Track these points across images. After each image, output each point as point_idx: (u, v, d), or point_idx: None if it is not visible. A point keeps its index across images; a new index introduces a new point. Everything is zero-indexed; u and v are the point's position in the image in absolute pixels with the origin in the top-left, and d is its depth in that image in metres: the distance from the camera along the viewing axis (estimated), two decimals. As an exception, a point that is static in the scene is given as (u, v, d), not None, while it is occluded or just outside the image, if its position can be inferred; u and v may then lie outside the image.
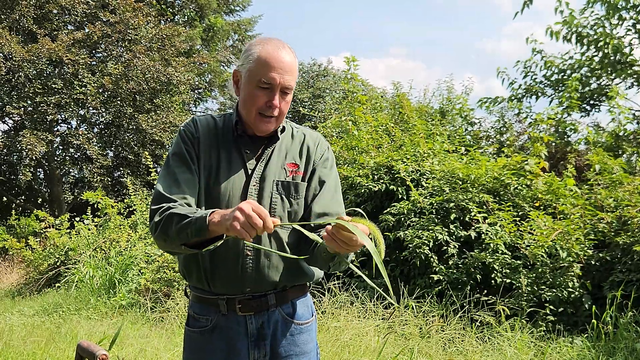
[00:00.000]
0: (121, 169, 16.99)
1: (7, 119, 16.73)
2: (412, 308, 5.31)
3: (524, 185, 6.34)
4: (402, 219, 6.11)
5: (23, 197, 18.38)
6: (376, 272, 1.66)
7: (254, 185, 1.87)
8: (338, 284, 5.84)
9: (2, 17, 15.62)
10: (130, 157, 16.40)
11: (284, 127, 1.97)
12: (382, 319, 5.26)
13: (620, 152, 8.19)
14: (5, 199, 17.74)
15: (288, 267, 1.89)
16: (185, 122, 1.94)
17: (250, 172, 1.89)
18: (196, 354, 1.91)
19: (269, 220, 1.56)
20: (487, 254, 5.52)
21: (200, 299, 1.91)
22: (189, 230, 1.67)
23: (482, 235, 5.72)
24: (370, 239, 1.55)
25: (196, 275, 1.88)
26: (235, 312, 1.86)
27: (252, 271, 1.84)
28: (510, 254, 5.62)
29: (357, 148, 7.70)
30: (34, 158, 14.98)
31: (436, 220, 5.95)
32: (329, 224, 1.65)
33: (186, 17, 21.63)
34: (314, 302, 5.85)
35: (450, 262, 5.67)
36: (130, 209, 10.54)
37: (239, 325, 1.86)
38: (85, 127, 16.73)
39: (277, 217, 1.82)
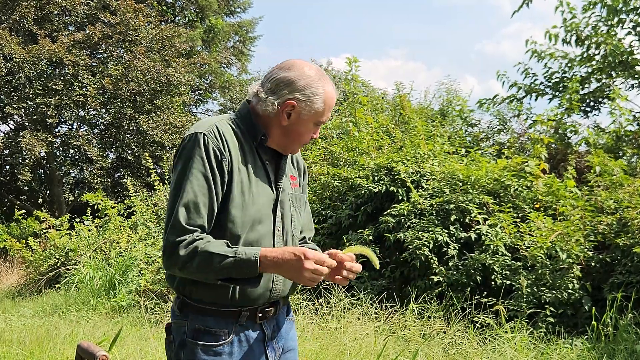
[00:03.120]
0: (121, 170, 16.99)
1: (7, 119, 16.74)
2: (413, 310, 5.31)
3: (524, 187, 6.34)
4: (402, 220, 6.10)
5: (25, 197, 18.39)
6: (376, 273, 1.86)
7: (279, 199, 1.93)
8: (336, 285, 5.84)
9: (3, 18, 15.63)
10: (130, 158, 16.40)
11: None
12: (380, 320, 5.26)
13: (620, 154, 8.18)
14: (6, 200, 17.76)
15: None
16: (210, 133, 1.81)
17: (274, 185, 1.92)
18: None
19: (330, 261, 1.75)
20: (487, 256, 5.51)
21: (213, 311, 1.85)
22: (234, 270, 1.72)
23: (482, 236, 5.72)
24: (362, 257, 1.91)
25: (218, 292, 1.83)
26: (254, 321, 1.89)
27: (280, 284, 1.92)
28: (510, 255, 5.61)
29: (357, 149, 7.71)
30: (34, 159, 14.98)
31: (436, 221, 5.94)
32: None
33: (187, 18, 21.64)
34: (315, 304, 5.87)
35: (450, 264, 5.67)
36: (131, 210, 10.53)
37: (256, 333, 1.90)
38: (86, 128, 16.74)
39: (297, 230, 1.99)
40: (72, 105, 15.42)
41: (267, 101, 1.87)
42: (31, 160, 15.17)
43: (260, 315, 1.89)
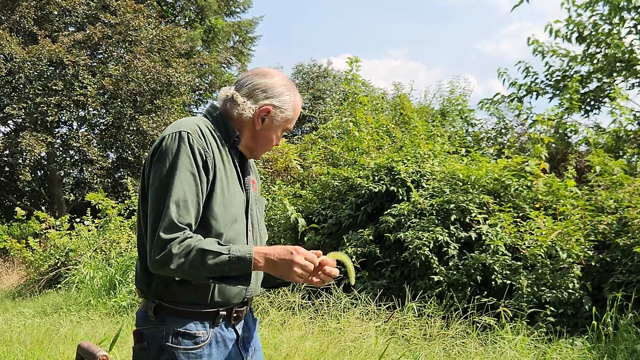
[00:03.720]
0: (121, 170, 17.00)
1: (7, 120, 16.74)
2: (414, 310, 5.30)
3: (524, 187, 6.34)
4: (403, 220, 6.10)
5: (25, 198, 18.39)
6: (375, 273, 1.85)
7: (249, 200, 1.97)
8: (336, 284, 5.84)
9: (3, 18, 15.63)
10: (130, 158, 16.40)
11: None
12: (384, 322, 5.26)
13: (621, 154, 8.19)
14: (7, 200, 17.76)
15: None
16: (194, 132, 1.82)
17: (245, 187, 1.97)
18: None
19: (316, 260, 1.80)
20: (488, 255, 5.51)
21: (191, 314, 1.85)
22: (228, 267, 1.73)
23: (483, 236, 5.72)
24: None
25: (200, 290, 1.84)
26: (229, 322, 1.91)
27: (254, 283, 1.94)
28: (510, 255, 5.61)
29: (357, 149, 7.70)
30: (34, 159, 14.98)
31: (436, 221, 5.94)
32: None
33: (187, 18, 21.64)
34: (315, 303, 5.86)
35: (451, 264, 5.67)
36: (131, 210, 10.54)
37: (230, 333, 1.93)
38: (86, 128, 16.74)
39: (263, 231, 2.06)
40: (72, 105, 15.43)
41: (244, 105, 1.92)
42: (31, 161, 15.17)
43: (234, 315, 1.92)
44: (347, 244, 6.12)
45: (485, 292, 5.43)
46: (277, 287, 2.12)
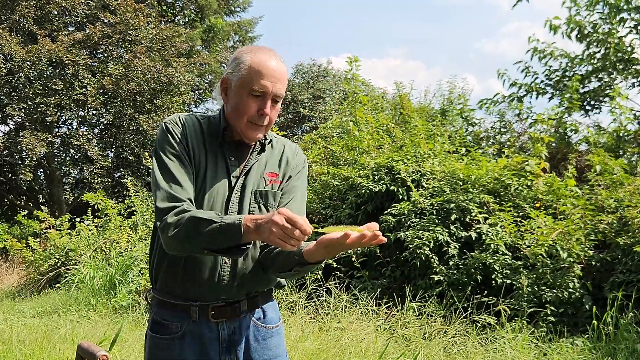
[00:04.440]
0: (121, 169, 16.99)
1: (7, 119, 16.74)
2: (414, 309, 5.30)
3: (524, 186, 6.33)
4: (403, 219, 6.10)
5: (25, 198, 18.40)
6: (375, 272, 1.74)
7: (235, 194, 1.91)
8: (336, 284, 5.84)
9: (2, 17, 15.62)
10: (130, 158, 16.40)
11: (270, 139, 2.01)
12: (384, 321, 5.26)
13: (621, 153, 8.19)
14: (7, 200, 17.75)
15: (259, 275, 1.93)
16: (172, 121, 1.90)
17: (234, 180, 1.91)
18: None
19: (305, 225, 1.60)
20: (488, 255, 5.51)
21: (169, 304, 1.89)
22: (220, 236, 1.69)
23: (483, 235, 5.71)
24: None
25: (170, 280, 1.87)
26: (207, 319, 1.88)
27: (229, 279, 1.88)
28: (510, 254, 5.61)
29: (357, 149, 7.70)
30: (34, 159, 14.98)
31: (437, 220, 5.94)
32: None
33: (187, 17, 21.63)
34: (314, 303, 5.85)
35: (451, 263, 5.67)
36: (131, 210, 10.53)
37: (211, 332, 1.88)
38: (86, 128, 16.74)
39: None
40: (72, 105, 15.42)
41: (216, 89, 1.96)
42: (32, 160, 15.18)
43: (213, 313, 1.87)
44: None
45: (486, 292, 5.43)
46: (291, 270, 1.87)
